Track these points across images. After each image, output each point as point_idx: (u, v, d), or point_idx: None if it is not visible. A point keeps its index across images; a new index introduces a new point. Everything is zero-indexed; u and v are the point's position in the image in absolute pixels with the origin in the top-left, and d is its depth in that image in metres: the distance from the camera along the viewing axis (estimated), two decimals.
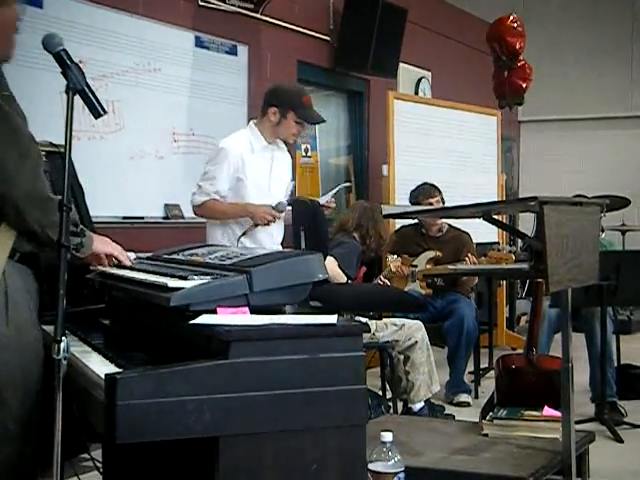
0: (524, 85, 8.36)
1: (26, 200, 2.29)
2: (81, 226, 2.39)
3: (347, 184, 5.80)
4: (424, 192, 5.99)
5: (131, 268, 2.66)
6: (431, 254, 5.84)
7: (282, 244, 4.56)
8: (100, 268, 2.70)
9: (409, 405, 4.89)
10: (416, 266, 5.80)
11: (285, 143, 4.55)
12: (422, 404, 4.89)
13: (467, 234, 6.07)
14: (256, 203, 4.32)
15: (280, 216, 4.38)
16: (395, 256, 5.57)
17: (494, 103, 8.43)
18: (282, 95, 4.40)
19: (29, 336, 2.36)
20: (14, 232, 2.36)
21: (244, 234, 4.30)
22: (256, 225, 4.31)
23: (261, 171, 4.38)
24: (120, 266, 2.68)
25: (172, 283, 2.17)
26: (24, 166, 2.30)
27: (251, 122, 4.51)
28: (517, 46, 8.16)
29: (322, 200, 4.70)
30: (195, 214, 4.49)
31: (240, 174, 4.31)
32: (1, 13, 2.39)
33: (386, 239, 5.28)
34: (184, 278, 2.21)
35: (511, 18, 8.15)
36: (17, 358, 2.33)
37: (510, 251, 5.76)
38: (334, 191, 4.90)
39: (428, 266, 5.82)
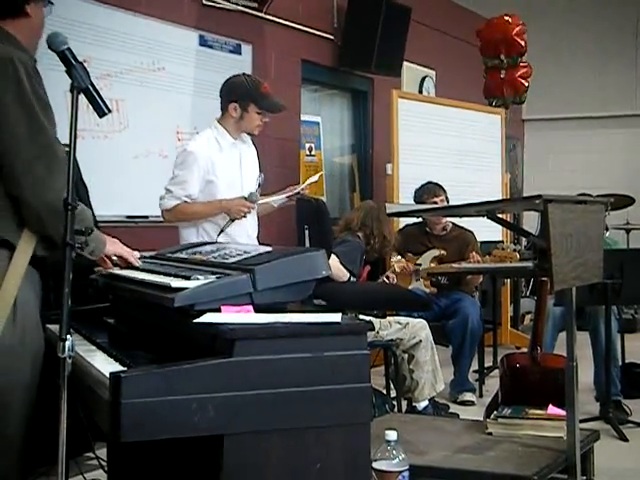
0: (526, 84, 8.36)
1: (49, 210, 2.29)
2: (93, 229, 2.38)
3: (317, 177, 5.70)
4: (428, 191, 5.98)
5: (135, 268, 2.66)
6: (435, 253, 5.84)
7: (285, 243, 4.54)
8: (107, 270, 2.70)
9: (413, 404, 4.89)
10: (420, 265, 5.80)
11: (249, 135, 4.46)
12: (426, 403, 4.89)
13: (471, 233, 6.07)
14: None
15: (254, 207, 4.31)
16: (399, 257, 5.57)
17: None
18: (240, 89, 4.32)
19: (33, 338, 2.37)
20: (35, 238, 2.37)
21: (222, 231, 4.24)
22: (233, 220, 4.24)
23: (231, 169, 4.33)
24: (126, 266, 2.69)
25: (176, 283, 2.17)
26: (53, 177, 2.30)
27: (214, 120, 4.40)
28: (523, 44, 8.16)
29: (296, 189, 4.55)
30: (164, 219, 4.38)
31: (211, 176, 4.24)
32: (37, 10, 2.40)
33: (391, 240, 5.26)
34: (188, 278, 2.22)
35: (512, 16, 8.15)
36: (19, 360, 2.34)
37: (514, 249, 5.76)
38: (309, 181, 4.75)
39: (432, 265, 5.83)
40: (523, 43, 8.16)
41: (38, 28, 2.48)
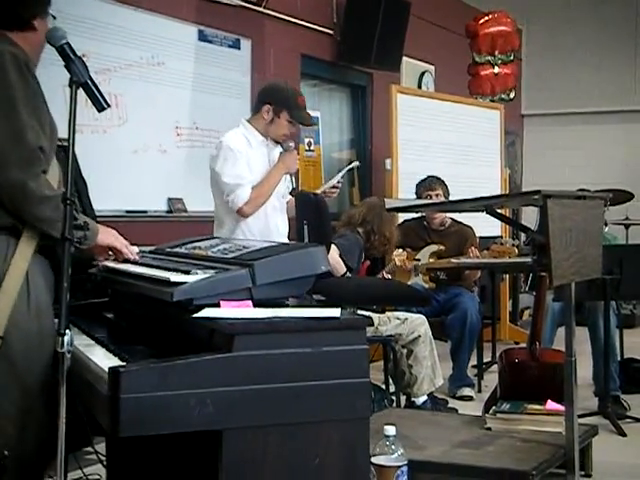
0: (515, 81, 8.39)
1: (15, 192, 2.29)
2: (85, 219, 2.39)
3: (356, 163, 5.70)
4: (425, 185, 6.00)
5: (134, 262, 2.66)
6: (434, 248, 5.84)
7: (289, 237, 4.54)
8: (103, 263, 2.70)
9: (412, 399, 4.89)
10: (419, 260, 5.80)
11: (274, 141, 4.46)
12: (425, 398, 4.89)
13: (470, 228, 6.07)
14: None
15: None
16: (400, 250, 5.56)
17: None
18: (277, 94, 4.37)
19: (48, 321, 2.38)
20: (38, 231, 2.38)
21: (295, 189, 4.40)
22: (292, 175, 4.38)
23: (261, 165, 4.36)
24: (124, 260, 2.68)
25: (175, 278, 2.17)
26: (14, 159, 2.30)
27: (243, 119, 4.44)
28: (517, 42, 8.18)
29: (331, 183, 4.63)
30: (244, 215, 4.23)
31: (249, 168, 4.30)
32: (42, 25, 2.41)
33: (390, 239, 5.25)
34: (187, 272, 2.21)
35: (504, 12, 8.16)
36: (37, 345, 2.35)
37: (513, 244, 5.76)
38: (343, 172, 4.82)
39: (431, 260, 5.83)
40: (518, 39, 8.18)
41: (42, 42, 2.48)
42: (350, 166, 5.15)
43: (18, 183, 2.26)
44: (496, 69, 8.24)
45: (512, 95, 8.50)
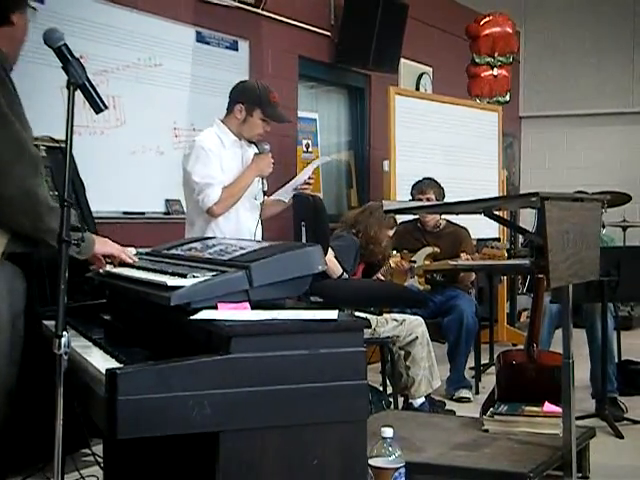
0: (509, 83, 8.40)
1: (19, 202, 2.29)
2: (79, 234, 2.38)
3: (327, 158, 5.63)
4: (418, 188, 6.00)
5: (131, 266, 2.66)
6: (428, 250, 5.84)
7: (282, 239, 4.53)
8: (100, 270, 2.70)
9: (410, 401, 4.89)
10: (415, 262, 5.80)
11: (248, 142, 4.43)
12: (423, 400, 4.89)
13: (465, 229, 6.07)
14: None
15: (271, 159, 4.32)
16: (394, 252, 5.56)
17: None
18: (249, 92, 4.33)
19: (3, 332, 2.36)
20: (8, 235, 2.37)
21: (266, 193, 4.28)
22: (264, 178, 4.26)
23: (234, 166, 4.32)
24: (121, 264, 2.68)
25: (171, 282, 2.17)
26: (18, 161, 2.30)
27: (216, 119, 4.39)
28: (516, 45, 8.19)
29: (301, 179, 4.55)
30: (214, 214, 4.19)
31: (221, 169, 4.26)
32: (21, 19, 2.40)
33: (377, 237, 5.22)
34: (184, 276, 2.21)
35: (505, 15, 8.16)
36: None
37: (500, 248, 5.77)
38: (312, 167, 4.73)
39: (426, 262, 5.83)
40: (517, 42, 8.19)
41: (21, 36, 2.47)
42: (320, 161, 5.08)
43: (31, 190, 2.26)
44: (495, 71, 8.25)
45: (507, 98, 8.50)
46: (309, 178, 4.48)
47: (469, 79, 8.39)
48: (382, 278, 5.34)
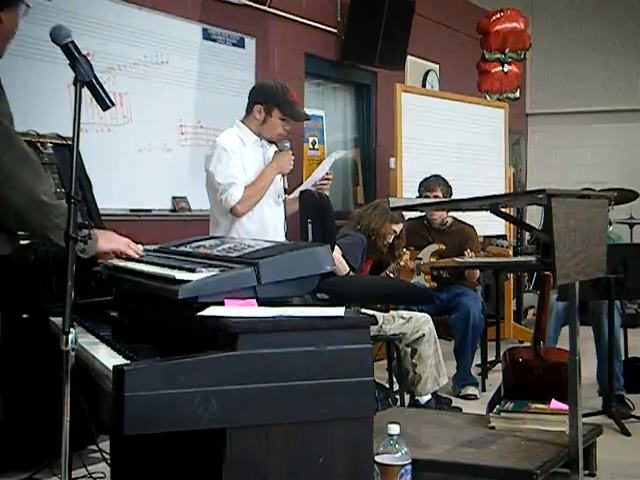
0: (520, 80, 8.38)
1: (26, 203, 2.30)
2: (87, 231, 2.38)
3: (342, 152, 5.62)
4: (426, 185, 6.00)
5: (139, 260, 2.66)
6: (434, 247, 5.84)
7: (289, 236, 4.53)
8: (110, 262, 2.70)
9: (416, 398, 4.89)
10: (421, 259, 5.80)
11: (270, 142, 4.44)
12: (429, 397, 4.89)
13: (472, 227, 6.06)
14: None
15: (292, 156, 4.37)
16: (404, 249, 5.56)
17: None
18: (267, 92, 4.35)
19: None
20: None
21: (286, 190, 4.31)
22: (284, 175, 4.30)
23: (256, 165, 4.34)
24: (128, 258, 2.69)
25: (180, 275, 2.17)
26: (24, 169, 2.31)
27: (237, 120, 4.43)
28: (528, 41, 8.16)
29: (318, 176, 4.56)
30: (237, 214, 4.22)
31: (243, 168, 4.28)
32: (10, 16, 2.39)
33: (378, 230, 5.22)
34: (192, 270, 2.22)
35: (517, 11, 8.13)
36: None
37: (507, 246, 5.77)
38: (329, 163, 4.73)
39: (432, 259, 5.82)
40: (529, 38, 8.16)
41: (9, 33, 2.46)
42: (335, 155, 5.10)
43: (38, 198, 2.27)
44: (505, 67, 8.23)
45: (517, 94, 8.48)
46: (327, 174, 4.50)
47: (479, 75, 8.37)
48: (391, 275, 5.34)
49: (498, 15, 8.22)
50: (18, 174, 2.30)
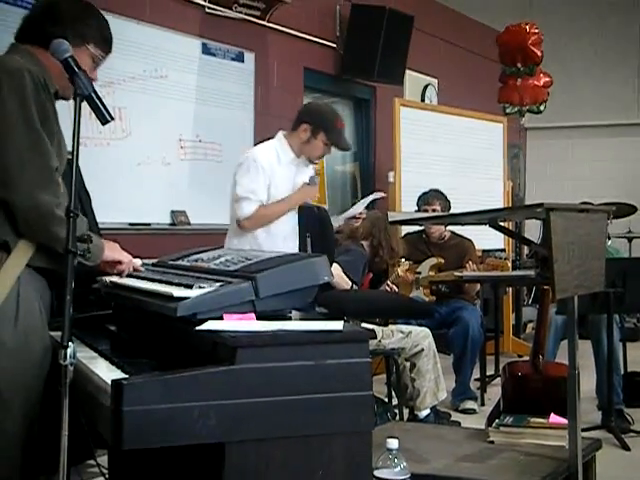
0: (547, 92, 8.37)
1: (38, 214, 2.30)
2: (87, 245, 2.39)
3: (381, 194, 5.75)
4: (424, 199, 6.03)
5: (137, 277, 2.66)
6: (433, 261, 5.85)
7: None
8: (107, 278, 2.70)
9: (415, 412, 4.88)
10: (420, 273, 5.80)
11: (308, 161, 4.49)
12: (428, 411, 4.89)
13: (470, 241, 6.07)
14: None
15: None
16: (403, 260, 5.57)
17: (500, 110, 8.43)
18: (317, 114, 4.40)
19: (36, 342, 2.38)
20: (33, 247, 2.38)
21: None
22: None
23: (286, 183, 4.37)
24: (127, 275, 2.69)
25: (178, 293, 2.17)
26: (43, 184, 2.32)
27: (280, 133, 4.46)
28: (539, 54, 8.17)
29: (353, 212, 4.70)
30: (243, 227, 4.30)
31: (270, 183, 4.31)
32: (75, 52, 2.39)
33: (399, 252, 5.27)
34: (190, 287, 2.21)
35: (530, 26, 8.14)
36: (22, 362, 2.35)
37: (506, 258, 5.78)
38: (367, 201, 4.87)
39: (431, 273, 5.83)
40: (539, 53, 8.16)
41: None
42: (373, 196, 5.22)
43: (46, 206, 2.27)
44: (524, 80, 8.24)
45: (542, 108, 8.48)
46: (360, 213, 4.62)
47: (500, 86, 8.40)
48: (393, 287, 5.34)
49: (513, 29, 8.20)
50: (38, 188, 2.31)
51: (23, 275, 2.37)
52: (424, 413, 4.87)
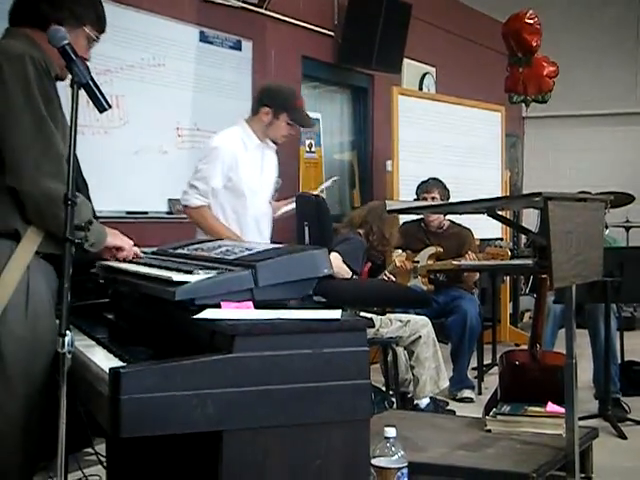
0: (552, 82, 8.34)
1: (47, 199, 2.29)
2: (84, 233, 2.38)
3: (336, 178, 5.75)
4: (422, 187, 6.03)
5: (136, 262, 2.66)
6: (432, 250, 5.84)
7: (284, 240, 4.55)
8: (107, 263, 2.70)
9: (415, 402, 4.89)
10: (418, 262, 5.80)
11: (273, 142, 4.51)
12: (428, 400, 4.89)
13: (469, 230, 6.07)
14: (249, 202, 4.36)
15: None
16: (400, 251, 5.56)
17: (499, 99, 8.40)
18: (276, 96, 4.38)
19: (45, 330, 2.38)
20: (42, 234, 2.38)
21: None
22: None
23: (253, 170, 4.38)
24: (125, 261, 2.69)
25: (177, 277, 2.16)
26: (51, 168, 2.31)
27: (242, 120, 4.46)
28: (533, 43, 8.14)
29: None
30: (186, 214, 4.41)
31: (232, 173, 4.29)
32: (72, 35, 2.38)
33: (390, 240, 5.24)
34: (189, 272, 2.21)
35: (528, 14, 8.11)
36: (31, 350, 2.36)
37: (503, 247, 5.77)
38: (327, 184, 4.88)
39: (430, 262, 5.83)
40: (534, 42, 8.13)
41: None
42: (328, 183, 5.22)
43: (54, 192, 2.26)
44: (527, 69, 8.21)
45: (547, 97, 8.44)
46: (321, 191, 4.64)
47: (507, 75, 8.37)
48: (390, 276, 5.33)
49: (512, 18, 8.16)
50: (46, 175, 2.30)
51: (32, 263, 2.38)
52: (424, 402, 4.88)
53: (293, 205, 4.66)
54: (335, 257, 4.64)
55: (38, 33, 2.46)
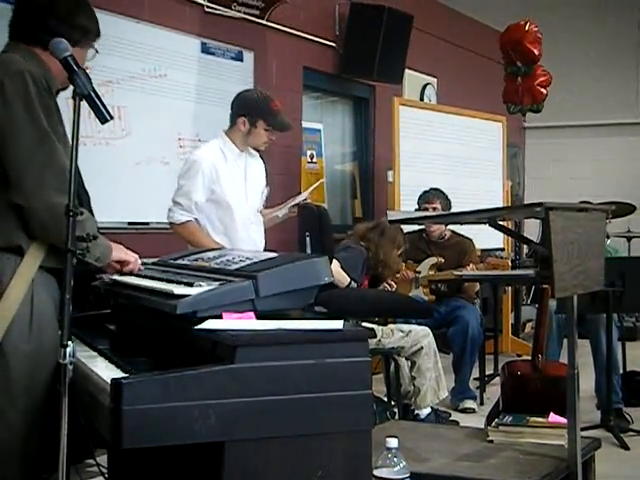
0: (544, 92, 8.35)
1: (51, 214, 2.30)
2: (85, 244, 2.38)
3: (322, 180, 5.74)
4: (424, 197, 6.03)
5: (137, 275, 2.66)
6: (433, 260, 5.84)
7: (286, 249, 4.56)
8: (109, 277, 2.70)
9: (416, 412, 4.88)
10: (419, 272, 5.80)
11: (256, 150, 4.50)
12: (429, 410, 4.88)
13: (470, 240, 6.06)
14: (235, 213, 4.34)
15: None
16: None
17: (500, 109, 8.42)
18: (250, 104, 4.37)
19: (49, 341, 2.38)
20: (45, 249, 2.38)
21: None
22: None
23: (236, 180, 4.36)
24: (128, 273, 2.69)
25: (178, 290, 2.17)
26: (55, 182, 2.31)
27: (221, 132, 4.45)
28: (536, 52, 8.15)
29: (299, 198, 4.65)
30: (174, 231, 4.40)
31: (215, 185, 4.28)
32: (76, 53, 2.39)
33: (387, 261, 5.17)
34: (190, 285, 2.21)
35: (529, 24, 8.12)
36: (35, 364, 2.36)
37: (505, 257, 5.78)
38: (310, 188, 4.85)
39: (431, 272, 5.82)
40: (536, 51, 8.14)
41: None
42: (317, 184, 5.21)
43: (58, 207, 2.25)
44: (524, 79, 8.22)
45: (540, 107, 8.46)
46: (304, 200, 4.58)
47: (505, 85, 8.38)
48: (392, 283, 5.32)
49: (512, 28, 8.17)
50: (51, 189, 2.30)
51: (36, 277, 2.38)
52: (425, 412, 4.87)
53: (284, 211, 4.60)
54: (334, 264, 4.64)
55: (40, 49, 2.47)
